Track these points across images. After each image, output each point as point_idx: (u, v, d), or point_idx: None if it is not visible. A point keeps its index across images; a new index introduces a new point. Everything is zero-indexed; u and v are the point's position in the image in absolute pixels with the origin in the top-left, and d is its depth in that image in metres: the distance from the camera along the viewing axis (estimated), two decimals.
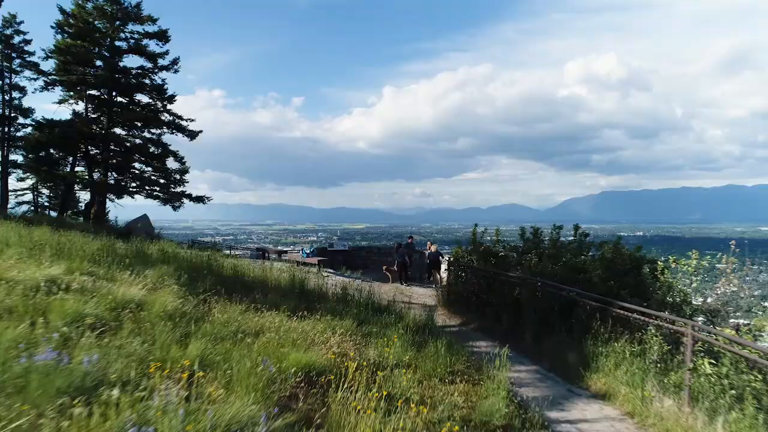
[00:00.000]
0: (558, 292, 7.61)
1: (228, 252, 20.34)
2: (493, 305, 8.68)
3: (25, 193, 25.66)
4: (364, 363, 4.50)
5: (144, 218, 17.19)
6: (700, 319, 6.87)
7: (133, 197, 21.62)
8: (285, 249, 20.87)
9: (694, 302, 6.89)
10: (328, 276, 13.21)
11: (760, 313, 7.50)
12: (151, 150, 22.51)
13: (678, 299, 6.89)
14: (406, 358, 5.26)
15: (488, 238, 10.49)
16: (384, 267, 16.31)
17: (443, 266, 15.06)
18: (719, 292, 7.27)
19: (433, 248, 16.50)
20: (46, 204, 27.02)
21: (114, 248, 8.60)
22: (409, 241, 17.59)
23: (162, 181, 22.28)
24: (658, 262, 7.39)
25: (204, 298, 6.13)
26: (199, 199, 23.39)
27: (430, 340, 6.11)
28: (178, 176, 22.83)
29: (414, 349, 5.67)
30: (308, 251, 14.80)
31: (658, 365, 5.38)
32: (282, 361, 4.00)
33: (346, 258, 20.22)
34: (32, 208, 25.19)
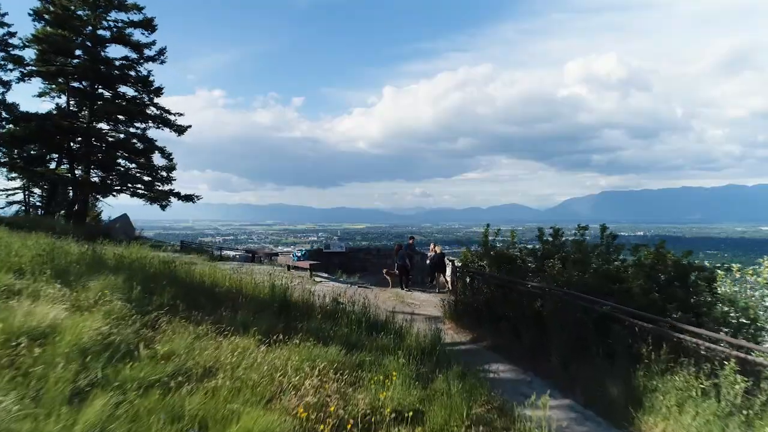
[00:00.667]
0: (589, 305, 6.33)
1: (218, 253, 19.11)
2: (509, 319, 7.39)
3: (16, 193, 24.46)
4: (350, 420, 3.23)
5: (123, 218, 15.91)
6: None
7: (115, 196, 20.32)
8: (276, 251, 19.59)
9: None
10: (320, 282, 11.94)
11: None
12: (136, 145, 21.25)
13: (743, 318, 5.58)
14: (409, 401, 3.99)
15: (500, 239, 9.20)
16: (384, 270, 15.29)
17: (448, 269, 13.98)
18: None
19: (438, 250, 15.59)
20: (38, 204, 25.80)
21: (64, 253, 7.33)
22: (410, 242, 16.41)
23: (146, 178, 21.01)
24: (718, 271, 6.07)
25: (154, 318, 4.86)
26: (189, 198, 22.16)
27: (440, 373, 4.83)
28: (165, 173, 21.64)
29: (419, 386, 4.38)
30: (299, 254, 13.54)
31: (742, 411, 4.08)
32: (227, 428, 2.72)
33: (343, 260, 19.12)
34: (24, 208, 24.09)
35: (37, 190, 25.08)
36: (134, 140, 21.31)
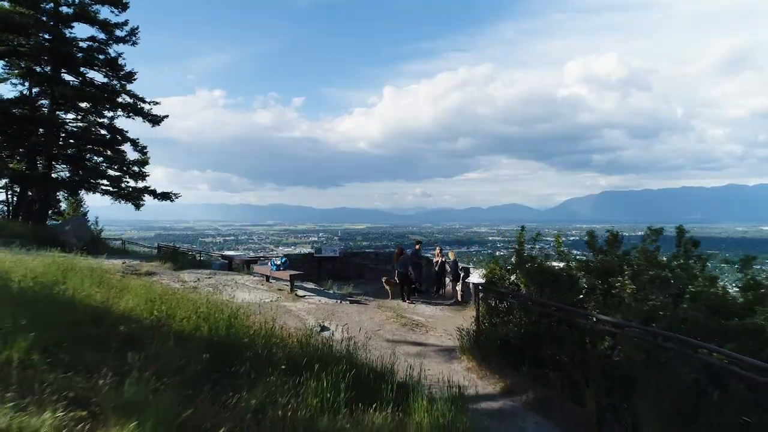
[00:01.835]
0: (701, 356, 4.05)
1: (198, 257, 16.80)
2: (562, 365, 5.11)
3: None
4: None
5: (77, 220, 13.59)
6: None
7: (78, 194, 18.00)
8: (256, 257, 17.28)
9: None
10: (303, 297, 10.54)
11: None
12: (105, 136, 18.84)
13: None
14: None
15: (538, 246, 6.87)
16: (383, 278, 13.48)
17: (471, 279, 12.10)
18: None
19: (451, 256, 14.18)
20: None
21: None
22: (417, 247, 14.25)
23: (115, 173, 18.63)
24: None
25: None
26: (165, 196, 19.82)
27: None
28: (137, 168, 19.22)
29: None
30: (279, 262, 11.27)
31: None
32: None
33: (337, 266, 17.35)
34: (6, 208, 21.70)
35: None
36: (102, 131, 18.89)
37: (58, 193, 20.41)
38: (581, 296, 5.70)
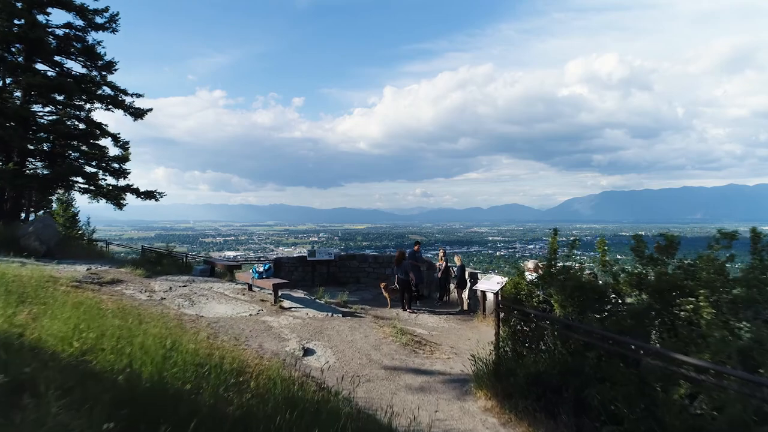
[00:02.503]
0: None
1: (184, 259, 15.44)
2: (619, 416, 3.78)
3: None
4: None
5: (42, 220, 12.23)
6: None
7: (48, 192, 16.64)
8: (239, 262, 15.90)
9: None
10: (288, 310, 8.91)
11: None
12: (83, 130, 17.44)
13: None
14: None
15: (577, 254, 5.54)
16: (382, 285, 12.41)
17: (479, 286, 10.93)
18: None
19: (457, 260, 12.82)
20: None
21: None
22: (416, 248, 13.02)
23: (91, 170, 17.26)
24: None
25: None
26: (149, 195, 18.34)
27: None
28: (117, 165, 17.75)
29: None
30: (261, 269, 10.06)
31: None
32: None
33: (333, 270, 16.19)
34: None
35: None
36: (81, 125, 17.50)
37: (33, 192, 19.08)
38: (637, 321, 4.34)
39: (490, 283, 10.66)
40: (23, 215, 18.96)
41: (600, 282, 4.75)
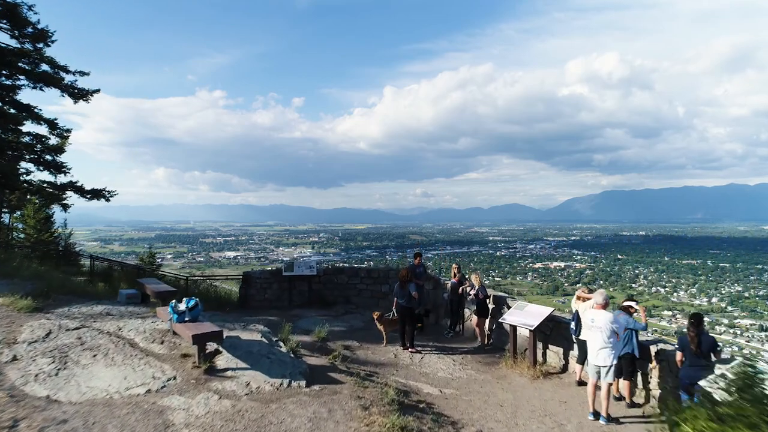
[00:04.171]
0: None
1: (144, 271, 13.82)
2: None
3: None
4: None
5: None
6: None
7: None
8: (174, 289, 9.99)
9: None
10: (223, 373, 5.72)
11: None
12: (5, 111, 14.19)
13: None
14: None
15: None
16: (375, 315, 9.51)
17: (510, 319, 8.64)
18: None
19: (476, 281, 9.84)
20: None
21: None
22: (416, 261, 11.23)
23: (20, 165, 14.59)
24: None
25: None
26: (97, 194, 15.26)
27: None
28: (50, 157, 14.74)
29: None
30: (184, 307, 6.55)
31: None
32: None
33: (315, 287, 13.18)
34: None
35: None
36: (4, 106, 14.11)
37: None
38: None
39: (525, 315, 8.41)
40: None
41: None
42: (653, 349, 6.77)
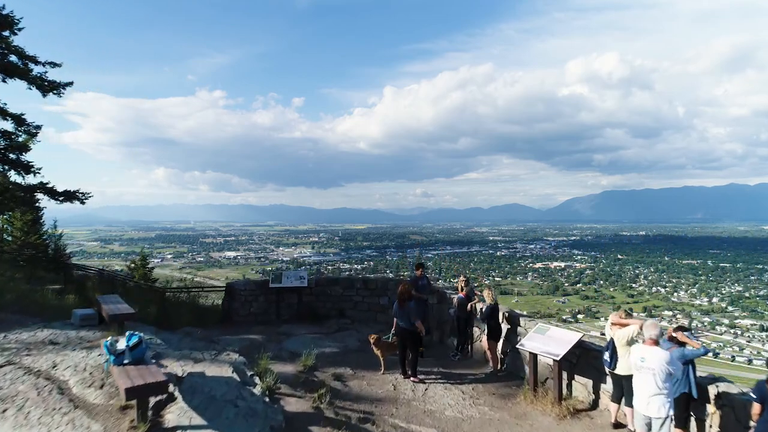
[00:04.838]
0: None
1: (127, 282, 13.39)
2: None
3: None
4: None
5: None
6: None
7: None
8: (129, 310, 7.54)
9: None
10: None
11: None
12: None
13: None
14: None
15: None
16: (371, 338, 8.22)
17: (529, 345, 7.30)
18: None
19: (488, 296, 8.46)
20: None
21: None
22: (418, 273, 10.00)
23: None
24: None
25: None
26: (70, 196, 13.89)
27: None
28: (14, 155, 13.31)
29: None
30: (122, 345, 5.04)
31: None
32: None
33: (306, 299, 12.06)
34: None
35: None
36: None
37: None
38: None
39: (547, 341, 7.07)
40: None
41: None
42: (712, 390, 5.48)
